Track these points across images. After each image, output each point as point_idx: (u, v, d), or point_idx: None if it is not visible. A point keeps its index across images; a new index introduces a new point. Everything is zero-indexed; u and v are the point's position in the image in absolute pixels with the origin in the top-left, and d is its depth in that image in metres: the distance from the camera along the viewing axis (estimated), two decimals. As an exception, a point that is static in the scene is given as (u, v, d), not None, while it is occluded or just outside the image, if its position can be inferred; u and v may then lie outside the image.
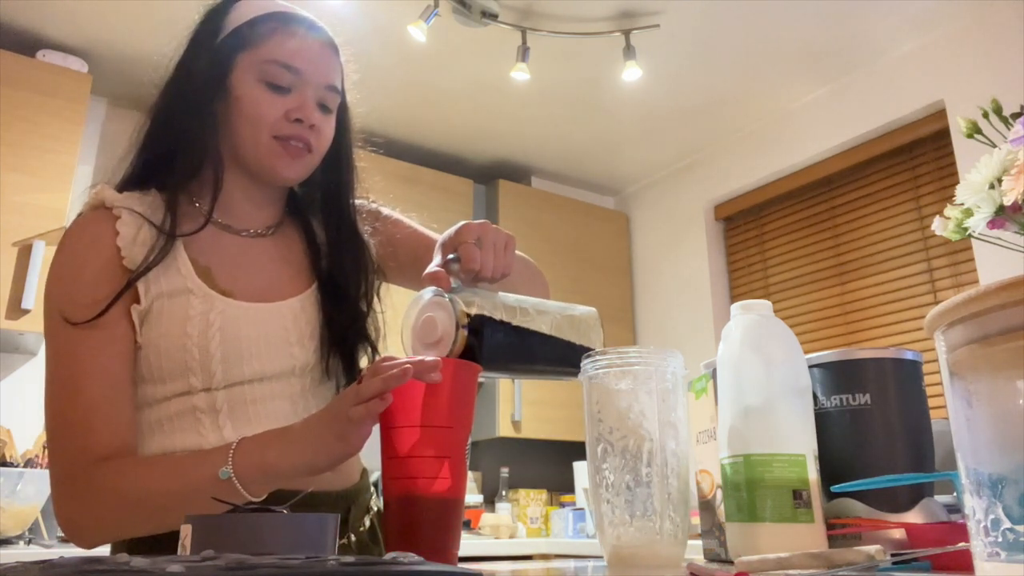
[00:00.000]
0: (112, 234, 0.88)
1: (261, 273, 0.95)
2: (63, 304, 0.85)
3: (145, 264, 0.86)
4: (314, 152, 0.94)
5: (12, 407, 2.49)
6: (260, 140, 0.91)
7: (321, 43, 0.95)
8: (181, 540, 0.53)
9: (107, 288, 0.85)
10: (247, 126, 0.91)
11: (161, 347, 0.86)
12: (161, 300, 0.87)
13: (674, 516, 0.68)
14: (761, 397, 0.66)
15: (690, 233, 3.49)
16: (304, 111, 0.91)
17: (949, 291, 2.59)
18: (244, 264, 0.94)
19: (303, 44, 0.93)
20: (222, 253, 0.93)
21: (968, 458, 0.35)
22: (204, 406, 0.87)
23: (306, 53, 0.92)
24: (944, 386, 0.37)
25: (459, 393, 0.68)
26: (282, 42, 0.92)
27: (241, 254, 0.95)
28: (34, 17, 2.52)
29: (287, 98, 0.91)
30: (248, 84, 0.91)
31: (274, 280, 0.95)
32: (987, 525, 0.34)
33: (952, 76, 2.57)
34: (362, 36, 2.62)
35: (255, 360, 0.89)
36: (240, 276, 0.93)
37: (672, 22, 2.56)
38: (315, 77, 0.93)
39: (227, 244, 0.95)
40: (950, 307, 0.34)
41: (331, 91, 0.95)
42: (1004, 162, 0.73)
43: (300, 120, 0.91)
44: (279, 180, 0.95)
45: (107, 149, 2.96)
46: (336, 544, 0.61)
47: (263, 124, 0.90)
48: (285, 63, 0.91)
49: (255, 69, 0.91)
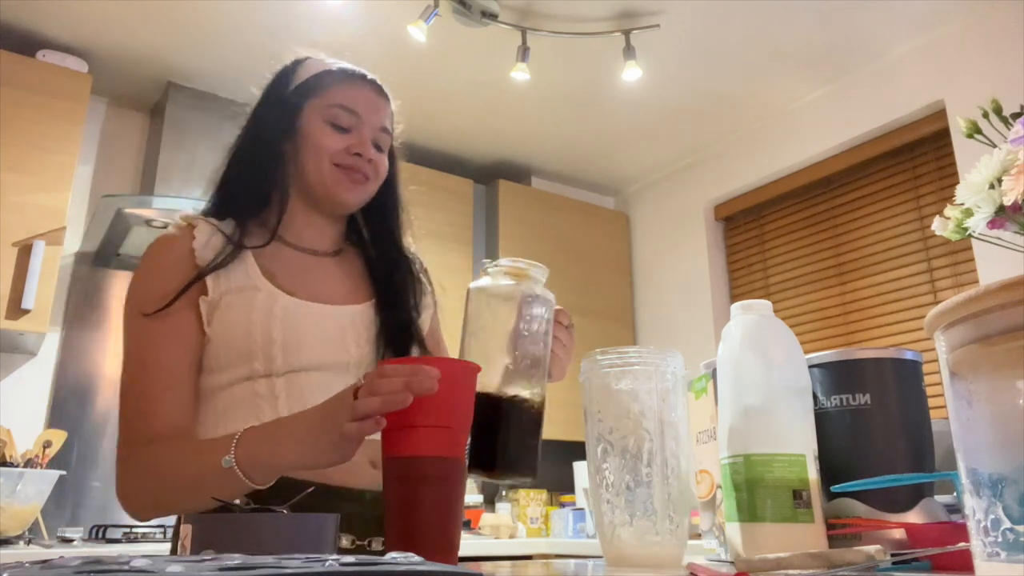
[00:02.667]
0: (189, 239, 1.00)
1: (322, 282, 1.07)
2: (139, 298, 0.96)
3: (214, 262, 0.97)
4: (371, 181, 1.09)
5: (12, 407, 2.49)
6: (323, 168, 1.05)
7: (376, 92, 1.11)
8: (181, 540, 0.53)
9: (178, 283, 0.96)
10: (313, 157, 1.05)
11: (228, 336, 0.95)
12: (230, 295, 0.97)
13: (674, 516, 0.68)
14: (761, 397, 0.66)
15: (690, 233, 3.49)
16: (362, 147, 1.06)
17: (949, 291, 2.59)
18: (306, 274, 1.06)
19: (361, 92, 1.09)
20: (287, 264, 1.05)
21: (968, 458, 0.35)
22: (264, 392, 0.95)
23: (363, 99, 1.08)
24: (944, 386, 0.37)
25: (459, 393, 0.68)
26: (344, 90, 1.08)
27: (304, 267, 1.07)
28: (34, 17, 2.52)
29: (348, 136, 1.06)
30: (315, 124, 1.06)
31: (334, 290, 1.07)
32: (987, 525, 0.34)
33: (952, 76, 2.57)
34: (362, 36, 2.62)
35: (313, 350, 0.98)
36: (302, 281, 1.04)
37: (672, 22, 2.56)
38: (371, 119, 1.08)
39: (291, 258, 1.07)
40: (950, 307, 0.34)
41: (384, 132, 1.11)
42: (1004, 162, 0.73)
43: (359, 155, 1.06)
44: (341, 204, 1.08)
45: (107, 149, 2.96)
46: (337, 544, 0.61)
47: (326, 154, 1.05)
48: (346, 107, 1.07)
49: (321, 112, 1.06)
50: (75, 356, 2.68)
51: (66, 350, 2.67)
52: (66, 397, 2.63)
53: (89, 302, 2.75)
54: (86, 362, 2.69)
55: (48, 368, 2.64)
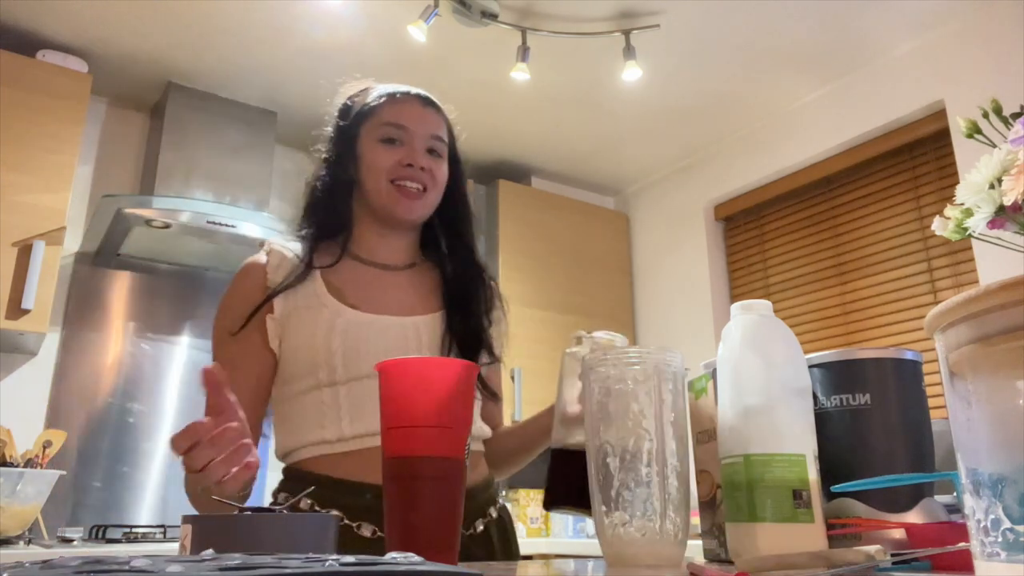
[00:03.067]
0: (264, 265, 1.12)
1: (389, 295, 1.13)
2: (220, 320, 1.09)
3: (281, 285, 1.07)
4: (429, 191, 1.14)
5: (12, 407, 2.49)
6: (381, 187, 1.12)
7: (422, 103, 1.17)
8: (181, 540, 0.53)
9: (250, 307, 1.07)
10: (371, 178, 1.13)
11: (296, 350, 1.05)
12: (298, 312, 1.07)
13: (674, 516, 0.68)
14: (761, 397, 0.66)
15: (690, 233, 3.49)
16: (413, 157, 1.12)
17: (949, 291, 2.59)
18: (375, 287, 1.13)
19: (407, 106, 1.15)
20: (357, 279, 1.13)
21: (968, 458, 0.35)
22: (328, 400, 1.04)
23: (410, 112, 1.15)
24: (944, 386, 0.37)
25: (459, 393, 0.68)
26: (390, 107, 1.15)
27: (374, 280, 1.14)
28: (34, 17, 2.52)
29: (399, 149, 1.12)
30: (369, 145, 1.14)
31: (402, 301, 1.13)
32: (987, 525, 0.34)
33: (952, 76, 2.57)
34: (362, 36, 2.62)
35: (373, 359, 1.01)
36: (369, 295, 1.11)
37: (672, 22, 2.56)
38: (421, 129, 1.14)
39: (362, 273, 1.15)
40: (950, 307, 0.34)
41: (437, 140, 1.16)
42: (1004, 162, 0.73)
43: (411, 165, 1.11)
44: (401, 220, 1.14)
45: (107, 149, 2.96)
46: (336, 543, 0.61)
47: (381, 171, 1.12)
48: (393, 122, 1.13)
49: (373, 133, 1.14)
50: (75, 356, 2.68)
51: (66, 350, 2.67)
52: (66, 397, 2.63)
53: (89, 302, 2.75)
54: (86, 362, 2.69)
55: (48, 368, 2.64)
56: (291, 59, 2.74)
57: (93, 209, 2.73)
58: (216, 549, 0.45)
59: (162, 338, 2.84)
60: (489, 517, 1.13)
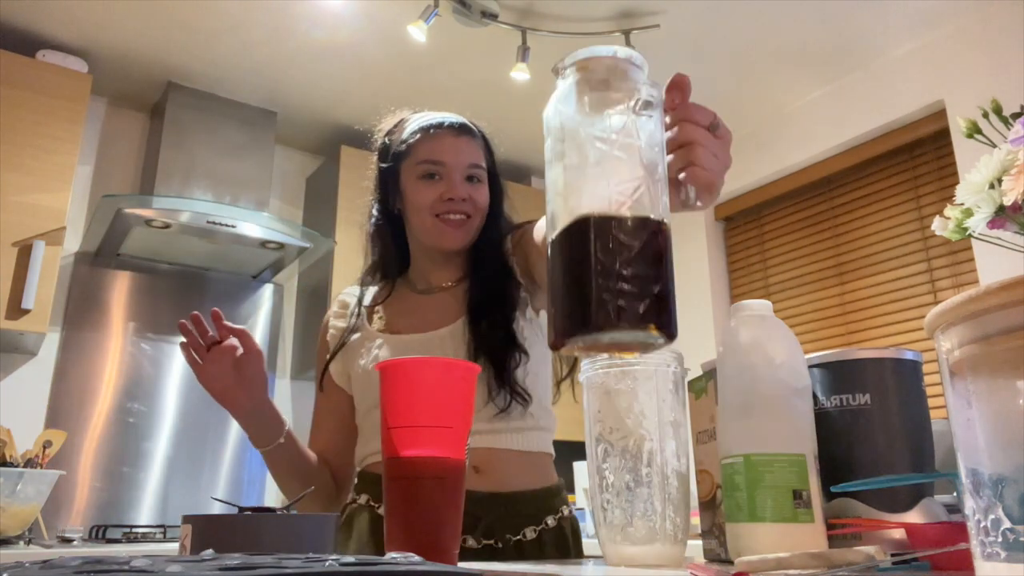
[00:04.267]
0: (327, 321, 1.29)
1: (428, 315, 1.19)
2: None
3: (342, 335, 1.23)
4: (473, 218, 1.19)
5: (12, 407, 2.49)
6: (426, 223, 1.17)
7: (455, 134, 1.19)
8: (181, 540, 0.53)
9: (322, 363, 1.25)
10: (416, 214, 1.18)
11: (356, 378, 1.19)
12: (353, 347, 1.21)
13: (674, 516, 0.68)
14: (761, 397, 0.66)
15: (690, 233, 3.49)
16: (453, 190, 1.16)
17: (949, 291, 2.59)
18: (418, 312, 1.21)
19: (441, 141, 1.18)
20: (406, 307, 1.23)
21: (968, 458, 0.35)
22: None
23: (444, 147, 1.17)
24: (944, 386, 0.37)
25: (459, 393, 0.68)
26: (426, 144, 1.18)
27: (418, 306, 1.22)
28: (34, 17, 2.52)
29: (439, 183, 1.16)
30: (411, 184, 1.18)
31: (437, 318, 1.18)
32: (987, 525, 0.34)
33: (952, 76, 2.57)
34: (362, 36, 2.62)
35: None
36: (410, 319, 1.20)
37: (672, 22, 2.56)
38: (457, 162, 1.17)
39: (412, 300, 1.24)
40: (950, 307, 0.34)
41: (474, 167, 1.19)
42: (1004, 162, 0.73)
43: (452, 199, 1.15)
44: (450, 250, 1.20)
45: (107, 149, 2.96)
46: (334, 544, 0.61)
47: (424, 208, 1.17)
48: (430, 160, 1.17)
49: (413, 171, 1.18)
50: (75, 356, 2.68)
51: (66, 350, 2.67)
52: (66, 397, 2.63)
53: (89, 302, 2.75)
54: (86, 362, 2.69)
55: (48, 368, 2.64)
56: (291, 59, 2.74)
57: (93, 209, 2.73)
58: (216, 549, 0.45)
59: (162, 338, 2.84)
60: (545, 525, 1.12)
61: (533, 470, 1.15)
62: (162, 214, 2.52)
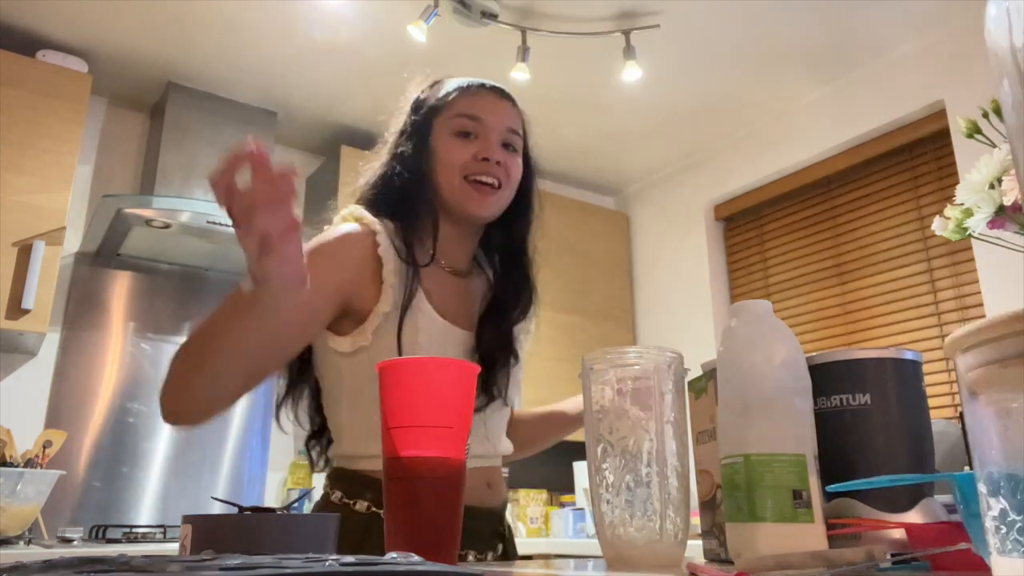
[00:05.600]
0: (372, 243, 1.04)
1: (460, 305, 1.11)
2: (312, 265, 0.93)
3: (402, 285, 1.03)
4: (503, 188, 1.09)
5: (12, 407, 2.49)
6: (454, 183, 1.08)
7: (497, 95, 1.13)
8: (181, 540, 0.53)
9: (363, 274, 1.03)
10: (444, 172, 1.08)
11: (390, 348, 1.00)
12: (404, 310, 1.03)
13: (674, 516, 0.68)
14: (761, 397, 0.66)
15: (690, 233, 3.49)
16: (489, 151, 1.08)
17: (949, 291, 2.59)
18: (451, 295, 1.10)
19: (482, 98, 1.12)
20: (439, 285, 1.09)
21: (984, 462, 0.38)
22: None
23: (485, 104, 1.11)
24: (962, 398, 0.40)
25: (459, 393, 0.68)
26: (465, 99, 1.12)
27: (449, 287, 1.11)
28: (34, 17, 2.52)
29: (474, 143, 1.09)
30: (443, 139, 1.10)
31: (467, 313, 1.11)
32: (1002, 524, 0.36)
33: (952, 76, 2.57)
34: (362, 36, 2.62)
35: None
36: (447, 303, 1.08)
37: (672, 22, 2.56)
38: (496, 122, 1.10)
39: (441, 278, 1.11)
40: (968, 333, 0.38)
41: (513, 134, 1.12)
42: (1004, 162, 0.73)
43: (487, 159, 1.07)
44: (474, 218, 1.10)
45: (107, 149, 2.96)
46: (336, 545, 0.61)
47: (455, 167, 1.08)
48: (469, 114, 1.10)
49: (447, 125, 1.10)
50: (75, 356, 2.68)
51: (66, 350, 2.67)
52: (66, 397, 2.63)
53: (89, 302, 2.75)
54: (86, 362, 2.69)
55: (48, 368, 2.64)
56: (291, 59, 2.74)
57: (93, 209, 2.73)
58: (216, 549, 0.45)
59: (162, 338, 2.84)
60: (499, 547, 1.11)
61: (502, 485, 1.14)
62: (162, 214, 2.52)
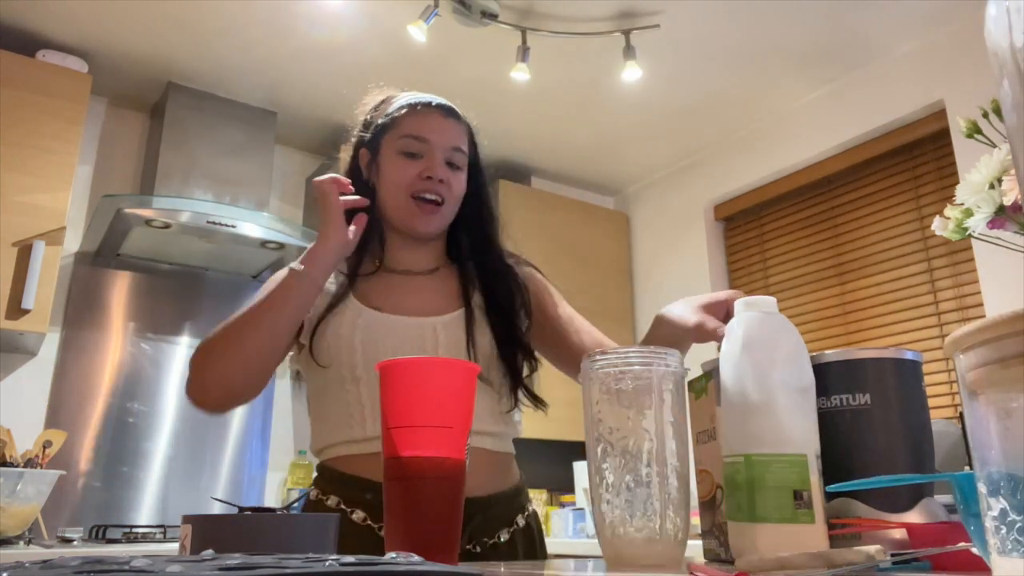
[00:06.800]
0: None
1: (410, 297, 1.15)
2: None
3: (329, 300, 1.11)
4: (446, 204, 1.14)
5: (12, 407, 2.49)
6: (400, 201, 1.13)
7: (443, 115, 1.17)
8: (181, 540, 0.53)
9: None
10: (391, 190, 1.14)
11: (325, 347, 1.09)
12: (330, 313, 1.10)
13: (674, 516, 0.68)
14: (763, 396, 0.66)
15: (690, 233, 3.49)
16: (433, 169, 1.12)
17: (949, 291, 2.59)
18: (397, 292, 1.15)
19: (428, 117, 1.15)
20: (382, 285, 1.16)
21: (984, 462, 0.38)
22: (353, 399, 1.08)
23: (432, 124, 1.15)
24: (962, 398, 0.40)
25: (459, 393, 0.68)
26: (412, 119, 1.15)
27: (396, 286, 1.16)
28: (34, 17, 2.52)
29: (419, 162, 1.13)
30: (390, 158, 1.14)
31: (423, 303, 1.14)
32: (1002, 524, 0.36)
33: (952, 76, 2.56)
34: (362, 36, 2.62)
35: (389, 355, 1.03)
36: (390, 298, 1.13)
37: (672, 22, 2.56)
38: (441, 141, 1.14)
39: (387, 280, 1.17)
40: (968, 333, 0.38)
41: (456, 152, 1.16)
42: (1004, 162, 0.73)
43: (431, 177, 1.12)
44: (419, 234, 1.16)
45: (107, 149, 2.96)
46: (336, 544, 0.61)
47: (402, 186, 1.13)
48: (415, 135, 1.14)
49: (394, 145, 1.14)
50: (75, 356, 2.68)
51: (66, 350, 2.67)
52: (66, 397, 2.63)
53: (89, 302, 2.75)
54: (86, 362, 2.69)
55: (48, 368, 2.64)
56: (291, 59, 2.74)
57: (93, 209, 2.73)
58: (216, 549, 0.45)
59: (162, 338, 2.84)
60: (516, 526, 1.12)
61: (506, 471, 1.15)
62: (162, 214, 2.52)
